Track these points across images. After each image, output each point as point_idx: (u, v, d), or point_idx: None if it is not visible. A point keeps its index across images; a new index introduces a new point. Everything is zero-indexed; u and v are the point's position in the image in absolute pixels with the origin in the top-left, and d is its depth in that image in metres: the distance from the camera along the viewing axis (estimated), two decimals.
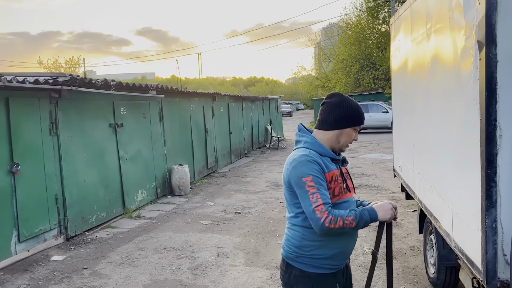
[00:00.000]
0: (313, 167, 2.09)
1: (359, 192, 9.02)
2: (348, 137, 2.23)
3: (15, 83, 5.09)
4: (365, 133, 22.32)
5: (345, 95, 2.29)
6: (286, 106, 56.77)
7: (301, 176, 2.07)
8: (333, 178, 2.15)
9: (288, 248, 2.24)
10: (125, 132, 7.97)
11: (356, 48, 33.15)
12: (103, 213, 7.21)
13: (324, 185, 2.09)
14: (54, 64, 55.13)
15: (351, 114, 2.21)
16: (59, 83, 5.90)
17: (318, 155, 2.15)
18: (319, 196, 2.03)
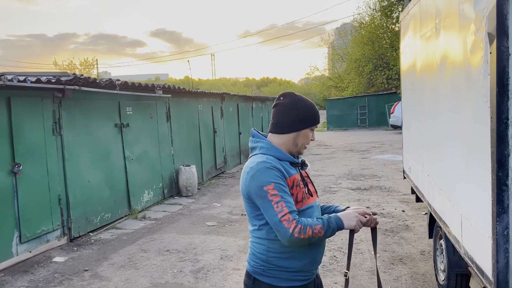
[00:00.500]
0: (273, 173, 1.93)
1: (369, 194, 8.82)
2: (305, 138, 2.10)
3: (16, 82, 5.03)
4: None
5: (298, 94, 2.13)
6: None
7: (261, 185, 1.90)
8: (294, 183, 2.00)
9: (254, 263, 2.07)
10: (131, 132, 7.89)
11: (369, 48, 32.77)
12: (108, 214, 7.14)
13: (287, 192, 1.94)
14: (69, 65, 55.72)
15: (308, 114, 2.08)
16: (62, 83, 5.83)
17: (277, 160, 2.00)
18: (284, 205, 1.87)
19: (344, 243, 5.87)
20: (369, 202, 8.12)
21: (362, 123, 29.44)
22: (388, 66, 31.28)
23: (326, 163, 13.64)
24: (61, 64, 54.85)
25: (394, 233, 6.22)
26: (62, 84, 5.84)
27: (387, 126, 26.63)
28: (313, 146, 19.17)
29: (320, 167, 12.93)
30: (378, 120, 28.48)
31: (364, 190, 9.26)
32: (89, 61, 53.71)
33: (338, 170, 12.15)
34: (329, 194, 9.03)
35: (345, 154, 15.74)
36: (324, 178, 10.89)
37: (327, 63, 50.73)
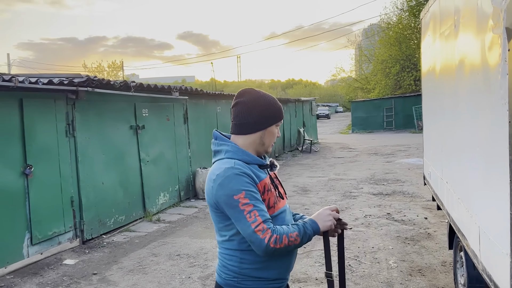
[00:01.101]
0: (243, 180, 1.78)
1: (391, 200, 8.51)
2: (272, 136, 1.97)
3: (27, 84, 5.03)
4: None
5: (258, 90, 1.99)
6: (324, 109, 55.88)
7: (231, 194, 1.75)
8: (265, 187, 1.87)
9: (226, 275, 1.91)
10: (147, 134, 7.85)
11: (396, 49, 32.13)
12: (122, 216, 7.10)
13: (259, 199, 1.79)
14: (97, 67, 56.96)
15: (271, 111, 1.94)
16: (75, 84, 5.82)
17: (245, 164, 1.84)
18: (257, 214, 1.73)
19: (360, 251, 5.63)
20: (391, 208, 7.82)
21: (388, 126, 28.81)
22: (415, 67, 30.54)
23: (348, 167, 13.33)
24: (90, 66, 56.15)
25: (414, 241, 5.93)
26: (75, 85, 5.83)
27: (414, 129, 25.97)
28: (336, 149, 18.84)
29: (342, 170, 12.64)
30: (404, 123, 27.80)
31: (386, 196, 8.95)
32: (116, 63, 54.69)
33: (360, 174, 11.83)
34: (349, 199, 8.76)
35: (369, 158, 15.36)
36: (345, 183, 10.61)
37: (354, 65, 50.08)
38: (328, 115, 54.02)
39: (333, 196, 9.08)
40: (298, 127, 19.23)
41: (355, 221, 7.08)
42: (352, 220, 7.11)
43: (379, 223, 6.90)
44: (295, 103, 18.92)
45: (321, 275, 4.91)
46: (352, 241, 6.02)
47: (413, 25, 31.89)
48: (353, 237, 6.20)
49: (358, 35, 49.21)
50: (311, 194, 9.48)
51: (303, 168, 13.55)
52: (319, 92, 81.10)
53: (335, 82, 62.20)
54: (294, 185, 10.62)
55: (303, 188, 10.23)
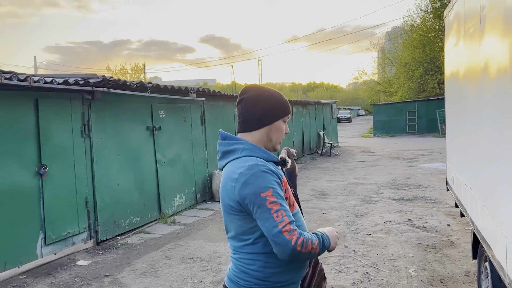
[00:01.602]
0: (269, 178, 1.68)
1: (412, 205, 8.24)
2: (279, 131, 1.87)
3: (42, 84, 5.02)
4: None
5: (262, 85, 1.92)
6: (345, 112, 55.37)
7: (259, 192, 1.64)
8: (285, 186, 1.79)
9: (246, 282, 1.78)
10: (164, 136, 7.81)
11: (420, 51, 31.54)
12: (137, 217, 7.06)
13: (284, 199, 1.70)
14: (120, 70, 57.79)
15: (277, 104, 1.85)
16: (90, 84, 5.80)
17: (265, 161, 1.76)
18: (284, 214, 1.63)
19: (379, 258, 5.42)
20: (412, 214, 7.56)
21: (411, 130, 28.25)
22: (440, 70, 29.88)
23: (369, 171, 13.04)
24: (113, 69, 57.03)
25: (436, 249, 5.69)
26: (90, 86, 5.81)
27: (437, 133, 25.38)
28: (356, 153, 18.53)
29: (362, 175, 12.37)
30: (428, 127, 27.20)
31: (407, 201, 8.67)
32: (139, 66, 55.41)
33: (381, 178, 11.55)
34: (368, 204, 8.53)
35: (390, 162, 15.02)
36: (365, 187, 10.36)
37: (376, 68, 49.46)
38: (349, 118, 53.46)
39: (352, 201, 8.86)
40: (318, 130, 18.99)
41: (375, 227, 6.86)
42: (372, 226, 6.89)
43: (400, 229, 6.67)
44: (315, 105, 18.70)
45: (338, 282, 4.73)
46: (371, 248, 5.81)
47: (437, 27, 31.25)
48: (371, 244, 6.00)
49: (381, 38, 48.59)
50: (330, 198, 9.28)
51: (322, 172, 13.33)
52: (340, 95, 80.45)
53: (357, 85, 61.61)
54: (312, 189, 10.42)
55: (321, 192, 10.03)
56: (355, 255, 5.58)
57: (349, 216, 7.64)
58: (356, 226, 6.96)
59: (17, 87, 4.93)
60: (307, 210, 8.22)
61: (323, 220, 7.41)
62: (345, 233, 6.58)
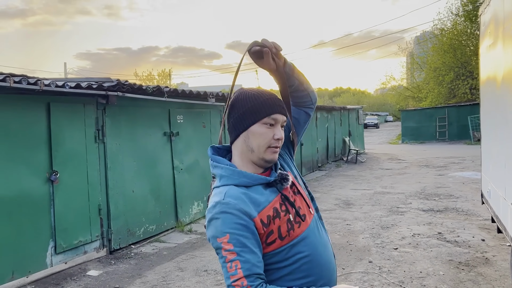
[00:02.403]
0: (230, 220, 1.40)
1: (443, 217, 7.73)
2: (259, 137, 1.50)
3: (53, 87, 4.87)
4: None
5: (248, 88, 1.60)
6: (373, 118, 54.37)
7: (215, 236, 1.41)
8: (272, 215, 1.46)
9: None
10: (181, 141, 7.59)
11: (450, 56, 30.56)
12: (152, 225, 6.85)
13: (249, 245, 1.39)
14: (148, 76, 58.56)
15: (248, 106, 1.51)
16: (104, 88, 5.63)
17: (242, 192, 1.45)
18: (239, 266, 1.36)
19: (406, 276, 5.01)
20: (442, 227, 7.08)
21: (441, 136, 27.31)
22: (471, 75, 28.88)
23: (396, 179, 12.51)
24: (141, 75, 57.84)
25: (469, 267, 5.22)
26: (104, 90, 5.64)
27: (469, 140, 24.44)
28: (384, 160, 17.95)
29: (389, 183, 11.86)
30: (459, 133, 26.24)
31: (437, 212, 8.17)
32: (166, 72, 56.02)
33: (409, 187, 11.02)
34: (395, 215, 8.07)
35: (419, 170, 14.42)
36: (391, 197, 9.88)
37: (405, 73, 48.40)
38: (377, 124, 52.43)
39: (378, 211, 8.42)
40: (343, 136, 18.51)
41: (402, 240, 6.43)
42: (399, 239, 6.46)
43: (429, 243, 6.22)
44: (341, 111, 18.24)
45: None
46: (397, 264, 5.40)
47: (469, 30, 30.25)
48: (398, 259, 5.58)
49: (410, 42, 47.51)
50: (354, 208, 8.86)
51: (347, 180, 12.88)
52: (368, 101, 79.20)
53: (385, 90, 60.46)
54: (336, 198, 10.01)
55: (345, 201, 9.62)
56: (380, 272, 5.19)
57: (374, 227, 7.22)
58: (382, 239, 6.55)
59: (29, 91, 4.79)
60: (330, 220, 7.85)
61: (347, 232, 7.02)
62: (369, 246, 6.18)
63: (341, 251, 6.03)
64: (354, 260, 5.63)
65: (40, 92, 4.86)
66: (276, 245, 1.45)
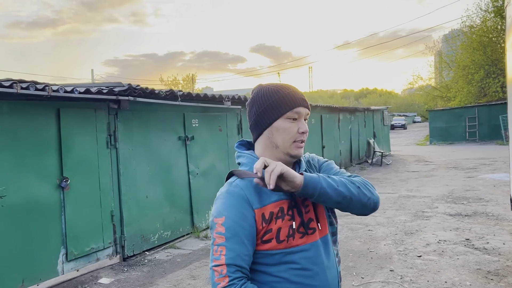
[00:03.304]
0: (231, 203, 1.40)
1: (471, 222, 7.33)
2: (284, 132, 1.47)
3: (62, 93, 4.82)
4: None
5: (267, 83, 1.55)
6: (400, 119, 53.31)
7: (213, 215, 1.43)
8: (276, 214, 1.41)
9: None
10: (197, 146, 7.47)
11: (480, 53, 29.59)
12: (167, 231, 6.74)
13: (241, 235, 1.37)
14: (173, 81, 59.23)
15: (271, 101, 1.47)
16: (115, 93, 5.56)
17: (251, 182, 1.44)
18: (223, 252, 1.35)
19: (430, 286, 4.70)
20: (470, 233, 6.69)
21: (471, 137, 26.38)
22: (503, 73, 27.80)
23: (422, 182, 12.06)
24: (166, 80, 58.57)
25: (499, 277, 4.87)
26: (115, 94, 5.57)
27: (501, 140, 23.49)
28: (410, 162, 17.41)
29: (415, 186, 11.43)
30: (490, 133, 25.26)
31: (465, 217, 7.76)
32: (190, 76, 56.55)
33: (436, 190, 10.58)
34: (420, 220, 7.71)
35: (447, 172, 13.88)
36: (417, 200, 9.49)
37: (433, 72, 47.24)
38: (404, 125, 51.34)
39: (402, 216, 8.07)
40: (368, 138, 18.07)
41: (426, 247, 6.10)
42: (423, 246, 6.13)
43: (455, 251, 5.86)
44: (364, 112, 17.81)
45: None
46: (421, 273, 5.09)
47: (499, 27, 29.20)
48: (422, 268, 5.27)
49: (438, 41, 46.35)
50: (377, 213, 8.51)
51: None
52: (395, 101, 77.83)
53: (412, 90, 59.24)
54: None
55: None
56: (401, 281, 4.89)
57: (397, 233, 6.89)
58: (405, 245, 6.23)
59: (37, 97, 4.75)
60: (351, 226, 7.56)
61: (368, 238, 6.72)
62: (391, 254, 5.88)
63: (361, 258, 5.76)
64: (374, 269, 5.35)
65: (49, 98, 4.81)
66: (271, 245, 1.39)
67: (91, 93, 5.20)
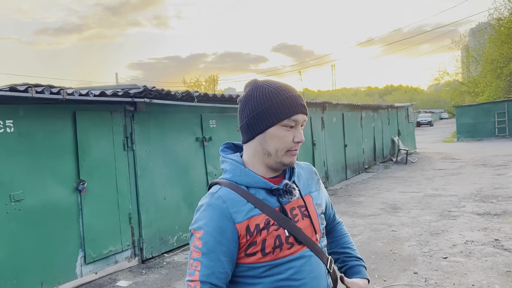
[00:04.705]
0: (211, 217, 1.31)
1: (501, 221, 7.02)
2: (279, 141, 1.35)
3: (77, 96, 4.82)
4: None
5: (262, 80, 1.40)
6: (426, 115, 52.18)
7: (192, 227, 1.36)
8: (260, 226, 1.32)
9: None
10: (215, 146, 7.41)
11: (509, 46, 28.67)
12: (186, 233, 6.70)
13: (218, 251, 1.29)
14: (195, 82, 59.73)
15: (266, 105, 1.34)
16: (130, 95, 5.54)
17: (243, 190, 1.35)
18: (198, 268, 1.29)
19: None
20: (500, 233, 6.40)
21: (501, 133, 25.51)
22: None
23: (449, 180, 11.68)
24: (188, 82, 59.09)
25: None
26: (130, 96, 5.56)
27: None
28: (436, 160, 16.95)
29: (441, 185, 11.08)
30: None
31: (494, 216, 7.44)
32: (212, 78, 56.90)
33: (464, 189, 10.22)
34: (446, 219, 7.43)
35: (475, 170, 13.42)
36: (443, 199, 9.18)
37: (460, 67, 46.06)
38: (430, 122, 50.25)
39: (427, 216, 7.81)
40: (392, 136, 17.67)
41: (452, 248, 5.86)
42: (449, 247, 5.89)
43: (484, 252, 5.61)
44: (388, 109, 17.42)
45: None
46: (446, 275, 4.88)
47: None
48: (447, 270, 5.05)
49: (464, 35, 45.16)
50: (401, 212, 8.28)
51: (395, 182, 12.19)
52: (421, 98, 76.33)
53: (438, 86, 57.97)
54: (382, 202, 9.45)
55: (392, 205, 9.04)
56: (426, 284, 4.70)
57: (422, 234, 6.66)
58: (430, 246, 6.00)
59: (53, 101, 4.77)
60: (374, 226, 7.36)
61: (391, 239, 6.51)
62: (416, 255, 5.67)
63: (383, 260, 5.57)
64: (397, 271, 5.17)
65: (64, 101, 4.82)
66: (256, 258, 1.32)
67: (106, 96, 5.20)
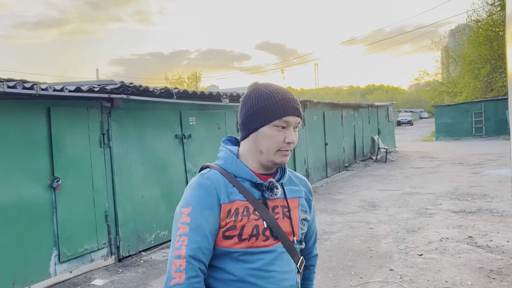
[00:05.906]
0: (200, 194, 1.37)
1: (475, 219, 7.16)
2: (270, 140, 1.42)
3: (51, 92, 4.72)
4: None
5: (262, 83, 1.49)
6: (406, 115, 52.94)
7: (180, 205, 1.40)
8: (242, 212, 1.37)
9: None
10: (194, 144, 7.36)
11: (486, 48, 29.23)
12: (164, 231, 6.65)
13: (205, 228, 1.34)
14: (178, 79, 59.26)
15: (260, 106, 1.42)
16: (107, 91, 5.46)
17: (231, 177, 1.42)
18: (185, 242, 1.32)
19: (429, 285, 4.56)
20: (474, 230, 6.53)
21: (478, 132, 26.07)
22: None
23: (427, 179, 11.88)
24: (171, 78, 58.61)
25: (502, 275, 4.72)
26: (107, 92, 5.47)
27: (507, 135, 23.15)
28: (415, 158, 17.20)
29: (419, 183, 11.25)
30: (497, 129, 24.95)
31: (469, 214, 7.59)
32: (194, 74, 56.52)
33: (440, 187, 10.40)
34: (423, 217, 7.55)
35: (453, 168, 13.68)
36: (421, 197, 9.32)
37: (439, 67, 46.84)
38: (410, 121, 50.99)
39: (404, 214, 7.92)
40: (372, 135, 17.87)
41: (428, 245, 5.95)
42: (424, 244, 5.98)
43: (458, 249, 5.71)
44: (368, 108, 17.61)
45: None
46: (421, 272, 4.95)
47: None
48: (422, 267, 5.13)
49: (444, 36, 45.93)
50: (379, 210, 8.38)
51: (374, 180, 12.33)
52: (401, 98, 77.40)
53: (419, 86, 58.88)
54: (361, 200, 9.54)
55: (371, 203, 9.13)
56: (401, 281, 4.76)
57: (399, 231, 6.75)
58: (406, 244, 6.08)
59: (26, 96, 4.66)
60: (352, 224, 7.42)
61: (368, 236, 6.58)
62: (392, 252, 5.74)
63: (360, 257, 5.62)
64: (374, 268, 5.22)
65: (38, 96, 4.72)
66: (232, 242, 1.36)
67: (82, 91, 5.11)
